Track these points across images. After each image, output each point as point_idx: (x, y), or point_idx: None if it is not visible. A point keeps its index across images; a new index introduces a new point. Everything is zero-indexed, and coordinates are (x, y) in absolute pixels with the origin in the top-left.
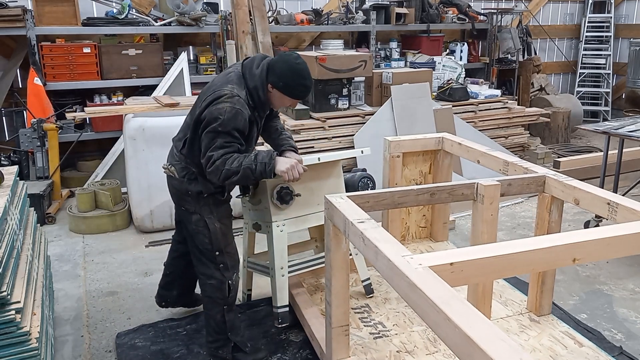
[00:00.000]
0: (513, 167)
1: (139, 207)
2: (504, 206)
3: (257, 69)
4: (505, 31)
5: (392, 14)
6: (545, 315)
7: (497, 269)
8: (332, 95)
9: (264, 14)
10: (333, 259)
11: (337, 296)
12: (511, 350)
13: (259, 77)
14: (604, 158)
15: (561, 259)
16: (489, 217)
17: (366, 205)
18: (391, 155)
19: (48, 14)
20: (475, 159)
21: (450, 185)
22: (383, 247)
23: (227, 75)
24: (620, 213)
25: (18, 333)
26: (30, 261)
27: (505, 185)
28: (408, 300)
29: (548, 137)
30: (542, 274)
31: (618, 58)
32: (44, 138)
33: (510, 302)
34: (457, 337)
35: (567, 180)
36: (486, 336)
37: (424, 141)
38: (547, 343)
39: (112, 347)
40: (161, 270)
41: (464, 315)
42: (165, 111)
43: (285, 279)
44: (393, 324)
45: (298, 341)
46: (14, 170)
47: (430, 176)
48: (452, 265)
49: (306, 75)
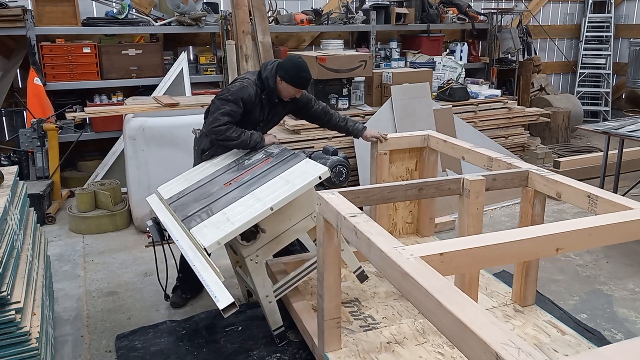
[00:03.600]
0: (497, 162)
1: (139, 207)
2: (504, 206)
3: (270, 65)
4: (505, 31)
5: (392, 14)
6: (530, 305)
7: (485, 259)
8: (332, 95)
9: (264, 14)
10: (325, 253)
11: (329, 289)
12: (502, 333)
13: (270, 70)
14: (604, 158)
15: (545, 248)
16: (475, 210)
17: (357, 200)
18: (378, 153)
19: (48, 14)
20: (460, 156)
21: (437, 181)
22: (376, 240)
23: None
24: (600, 205)
25: (18, 333)
26: (30, 261)
27: (490, 180)
28: (401, 289)
29: (548, 137)
30: (526, 266)
31: (618, 58)
32: (44, 138)
33: (495, 294)
34: (451, 323)
35: (549, 174)
36: (478, 321)
37: (410, 139)
38: (532, 332)
39: (112, 347)
40: (162, 270)
41: (456, 301)
42: (165, 111)
43: (273, 304)
44: (382, 317)
45: (297, 341)
46: (14, 170)
47: (417, 173)
48: (442, 255)
49: (306, 69)
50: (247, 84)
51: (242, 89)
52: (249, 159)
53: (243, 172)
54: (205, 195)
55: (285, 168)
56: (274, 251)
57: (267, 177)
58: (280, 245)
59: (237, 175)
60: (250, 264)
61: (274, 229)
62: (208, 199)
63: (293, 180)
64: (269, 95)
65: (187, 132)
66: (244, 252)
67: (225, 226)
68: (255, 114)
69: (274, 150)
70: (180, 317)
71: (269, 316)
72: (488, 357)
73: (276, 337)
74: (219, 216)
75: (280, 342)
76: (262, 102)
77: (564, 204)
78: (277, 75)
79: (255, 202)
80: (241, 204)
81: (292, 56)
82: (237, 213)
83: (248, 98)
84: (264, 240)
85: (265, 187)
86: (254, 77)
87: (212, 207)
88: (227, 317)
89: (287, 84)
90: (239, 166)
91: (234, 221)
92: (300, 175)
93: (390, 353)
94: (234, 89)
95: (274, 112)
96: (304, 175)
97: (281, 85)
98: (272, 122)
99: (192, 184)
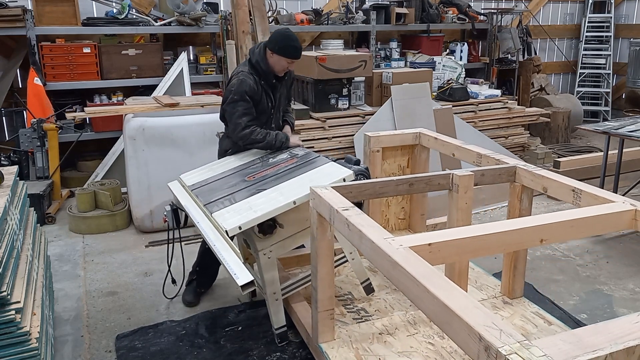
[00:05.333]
0: (486, 159)
1: (139, 207)
2: (504, 206)
3: (257, 49)
4: (505, 31)
5: (392, 14)
6: (518, 297)
7: (472, 249)
8: (332, 95)
9: (264, 14)
10: (319, 246)
11: (322, 282)
12: (485, 316)
13: (258, 52)
14: (604, 158)
15: (530, 239)
16: (464, 205)
17: (349, 195)
18: (371, 150)
19: (48, 14)
20: (451, 152)
21: (427, 176)
22: (367, 231)
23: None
24: (584, 199)
25: (18, 333)
26: (30, 261)
27: (479, 175)
28: (391, 278)
29: (548, 137)
30: (514, 259)
31: (618, 58)
32: (44, 138)
33: (485, 287)
34: (437, 307)
35: (536, 170)
36: (463, 305)
37: (402, 136)
38: (519, 323)
39: (112, 347)
40: (162, 270)
41: (442, 287)
42: (165, 111)
43: (279, 302)
44: (375, 310)
45: (297, 341)
46: (14, 170)
47: (409, 170)
48: (430, 245)
49: (295, 38)
50: (243, 77)
51: (241, 83)
52: (274, 157)
53: (267, 168)
54: (228, 185)
55: (310, 168)
56: (286, 249)
57: (291, 174)
58: (294, 245)
59: (261, 170)
60: (263, 259)
61: (291, 227)
62: (231, 189)
63: (317, 179)
64: (266, 78)
65: (187, 132)
66: (259, 246)
67: (247, 213)
68: (264, 102)
69: (298, 152)
70: (180, 317)
71: (273, 314)
72: (472, 339)
73: (277, 336)
74: (242, 204)
75: (280, 342)
76: (264, 88)
77: (564, 203)
78: (267, 50)
79: (279, 195)
80: (264, 195)
81: (279, 28)
82: (260, 203)
83: (251, 90)
84: (280, 236)
85: (289, 184)
86: (246, 67)
87: (235, 195)
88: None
89: (279, 55)
90: (264, 163)
91: (257, 210)
92: (325, 176)
93: (382, 343)
94: (234, 87)
95: (279, 93)
96: (329, 176)
97: (272, 59)
98: (282, 103)
99: (216, 174)
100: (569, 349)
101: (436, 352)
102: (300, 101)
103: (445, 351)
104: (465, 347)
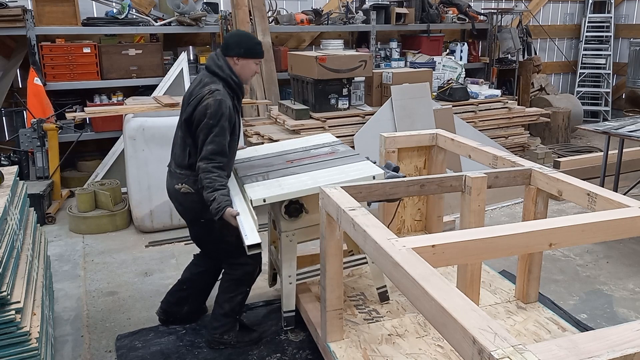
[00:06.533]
0: (502, 161)
1: (139, 207)
2: (504, 206)
3: (220, 61)
4: (505, 31)
5: (392, 14)
6: (532, 302)
7: (477, 252)
8: (332, 95)
9: (264, 14)
10: (327, 245)
11: (331, 281)
12: (480, 319)
13: (225, 65)
14: (604, 158)
15: (538, 243)
16: (477, 207)
17: (359, 195)
18: (387, 151)
19: (48, 14)
20: (467, 154)
21: (439, 177)
22: (371, 232)
23: (199, 81)
24: (599, 203)
25: (18, 333)
26: (30, 261)
27: (493, 177)
28: (392, 278)
29: (548, 137)
30: (529, 264)
31: (618, 58)
32: (44, 138)
33: (499, 291)
34: (433, 309)
35: (551, 172)
36: (459, 307)
37: (418, 137)
38: (532, 328)
39: (112, 347)
40: (162, 270)
41: (440, 289)
42: (165, 111)
43: (292, 286)
44: (387, 311)
45: (297, 341)
46: (14, 170)
47: (425, 171)
48: (433, 247)
49: (254, 37)
50: (221, 97)
51: (219, 106)
52: (316, 148)
53: (307, 157)
54: (267, 165)
55: (346, 162)
56: (308, 237)
57: (327, 165)
58: (316, 235)
59: (300, 157)
60: (285, 240)
61: (316, 216)
62: (268, 168)
63: (349, 172)
64: (239, 93)
65: None
66: (283, 227)
67: (274, 189)
68: (237, 126)
69: (340, 147)
70: None
71: (284, 297)
72: (466, 341)
73: (284, 319)
74: (273, 182)
75: (286, 326)
76: (237, 107)
77: (564, 203)
78: (232, 59)
79: (309, 180)
80: (296, 178)
81: (232, 32)
82: (289, 183)
83: (230, 114)
84: (305, 222)
85: (323, 172)
86: (219, 85)
87: (269, 174)
88: None
89: (246, 59)
90: (305, 152)
91: (284, 187)
92: (357, 171)
93: (391, 345)
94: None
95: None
96: (360, 172)
97: (239, 66)
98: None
99: (259, 154)
100: (563, 355)
101: (444, 355)
102: (300, 101)
103: (454, 354)
104: (460, 349)
